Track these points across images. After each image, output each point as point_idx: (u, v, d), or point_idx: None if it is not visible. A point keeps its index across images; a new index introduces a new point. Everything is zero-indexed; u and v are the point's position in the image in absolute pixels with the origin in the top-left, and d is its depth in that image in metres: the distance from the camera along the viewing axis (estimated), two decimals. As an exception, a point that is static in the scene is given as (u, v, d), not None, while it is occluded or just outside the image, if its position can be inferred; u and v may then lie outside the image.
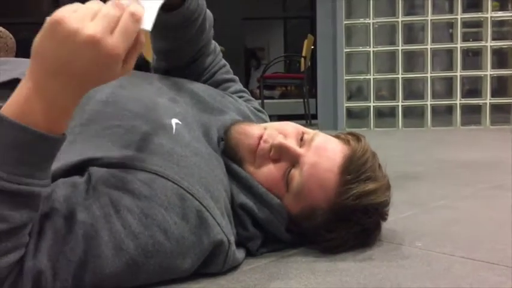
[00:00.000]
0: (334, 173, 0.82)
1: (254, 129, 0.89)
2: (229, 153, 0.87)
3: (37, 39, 0.57)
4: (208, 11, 1.03)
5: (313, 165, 0.82)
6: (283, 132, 0.87)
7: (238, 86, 1.14)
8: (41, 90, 0.57)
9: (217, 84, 1.08)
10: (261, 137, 0.87)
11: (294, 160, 0.84)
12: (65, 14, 0.55)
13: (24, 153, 0.58)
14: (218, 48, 1.13)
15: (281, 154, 0.84)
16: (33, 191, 0.59)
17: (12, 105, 0.58)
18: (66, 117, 0.61)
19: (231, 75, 1.14)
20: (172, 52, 1.02)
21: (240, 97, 1.10)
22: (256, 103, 1.14)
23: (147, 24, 0.61)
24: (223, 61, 1.14)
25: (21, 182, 0.58)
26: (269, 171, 0.85)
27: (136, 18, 0.58)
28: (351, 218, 0.83)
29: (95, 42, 0.55)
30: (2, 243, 0.59)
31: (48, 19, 0.56)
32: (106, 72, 0.58)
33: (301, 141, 0.86)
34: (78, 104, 0.61)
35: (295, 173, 0.83)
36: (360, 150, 0.84)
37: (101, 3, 0.59)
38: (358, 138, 0.88)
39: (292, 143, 0.85)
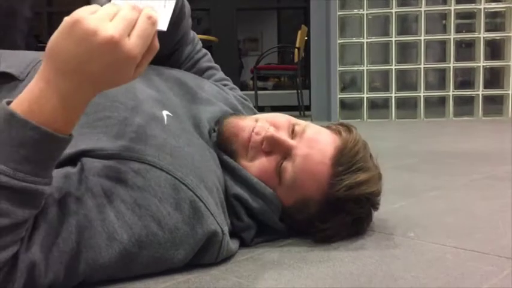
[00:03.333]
0: (326, 165, 0.82)
1: (247, 122, 0.89)
2: (222, 146, 0.87)
3: (53, 39, 0.57)
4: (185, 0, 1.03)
5: (305, 157, 0.82)
6: (275, 124, 0.87)
7: (221, 74, 1.16)
8: (53, 90, 0.58)
9: (201, 72, 1.10)
10: (253, 130, 0.87)
11: (286, 152, 0.84)
12: (84, 14, 0.56)
13: (31, 152, 0.58)
14: (197, 37, 1.15)
15: (273, 146, 0.84)
16: (37, 189, 0.59)
17: (22, 103, 0.58)
18: (75, 118, 0.61)
19: (213, 63, 1.15)
20: None
21: (224, 85, 1.11)
22: (239, 91, 1.15)
23: (163, 24, 0.62)
24: (204, 50, 1.15)
25: (27, 180, 0.58)
26: (261, 163, 0.85)
27: (152, 21, 0.59)
28: (343, 208, 0.84)
29: (114, 43, 0.55)
30: (2, 238, 0.59)
31: (66, 19, 0.56)
32: (120, 74, 0.59)
33: (292, 133, 0.86)
34: (87, 105, 0.62)
35: (288, 165, 0.83)
36: (351, 141, 0.84)
37: (119, 6, 0.59)
38: (349, 129, 0.89)
39: (283, 135, 0.85)
